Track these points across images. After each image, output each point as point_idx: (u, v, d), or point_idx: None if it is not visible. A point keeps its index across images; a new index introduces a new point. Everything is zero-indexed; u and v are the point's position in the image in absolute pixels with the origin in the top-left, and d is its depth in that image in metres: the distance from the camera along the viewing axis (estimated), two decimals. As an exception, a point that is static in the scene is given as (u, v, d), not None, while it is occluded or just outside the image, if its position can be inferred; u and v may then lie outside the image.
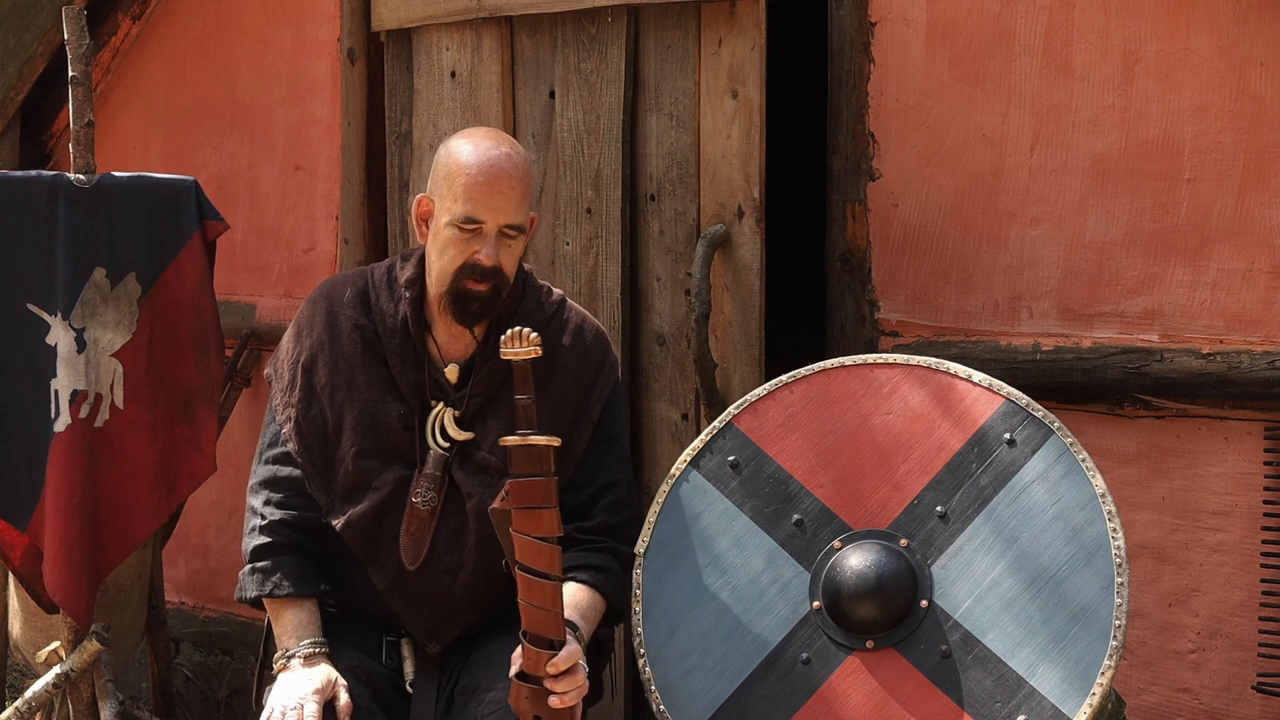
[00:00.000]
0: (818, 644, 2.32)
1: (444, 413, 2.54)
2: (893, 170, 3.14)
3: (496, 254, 2.45)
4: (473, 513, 2.49)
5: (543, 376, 2.48)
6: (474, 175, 2.42)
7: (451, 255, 2.45)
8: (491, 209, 2.43)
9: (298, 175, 4.08)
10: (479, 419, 2.54)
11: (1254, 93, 2.79)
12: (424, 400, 2.54)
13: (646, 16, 3.31)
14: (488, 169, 2.43)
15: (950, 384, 2.41)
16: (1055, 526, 2.27)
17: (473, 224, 2.43)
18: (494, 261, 2.44)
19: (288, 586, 2.51)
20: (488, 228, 2.44)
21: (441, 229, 2.47)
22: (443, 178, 2.48)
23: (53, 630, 3.19)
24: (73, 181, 3.04)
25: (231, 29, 4.19)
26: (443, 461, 2.51)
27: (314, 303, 2.66)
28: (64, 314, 3.03)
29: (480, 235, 2.44)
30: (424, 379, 2.54)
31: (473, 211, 2.43)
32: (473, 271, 2.45)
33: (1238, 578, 2.84)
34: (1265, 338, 2.79)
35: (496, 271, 2.46)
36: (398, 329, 2.56)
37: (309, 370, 2.60)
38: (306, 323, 2.64)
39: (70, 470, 3.00)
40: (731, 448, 2.47)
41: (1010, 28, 3.00)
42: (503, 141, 2.51)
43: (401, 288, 2.57)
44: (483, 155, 2.45)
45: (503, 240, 2.46)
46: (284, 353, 2.66)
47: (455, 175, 2.44)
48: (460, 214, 2.43)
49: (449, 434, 2.53)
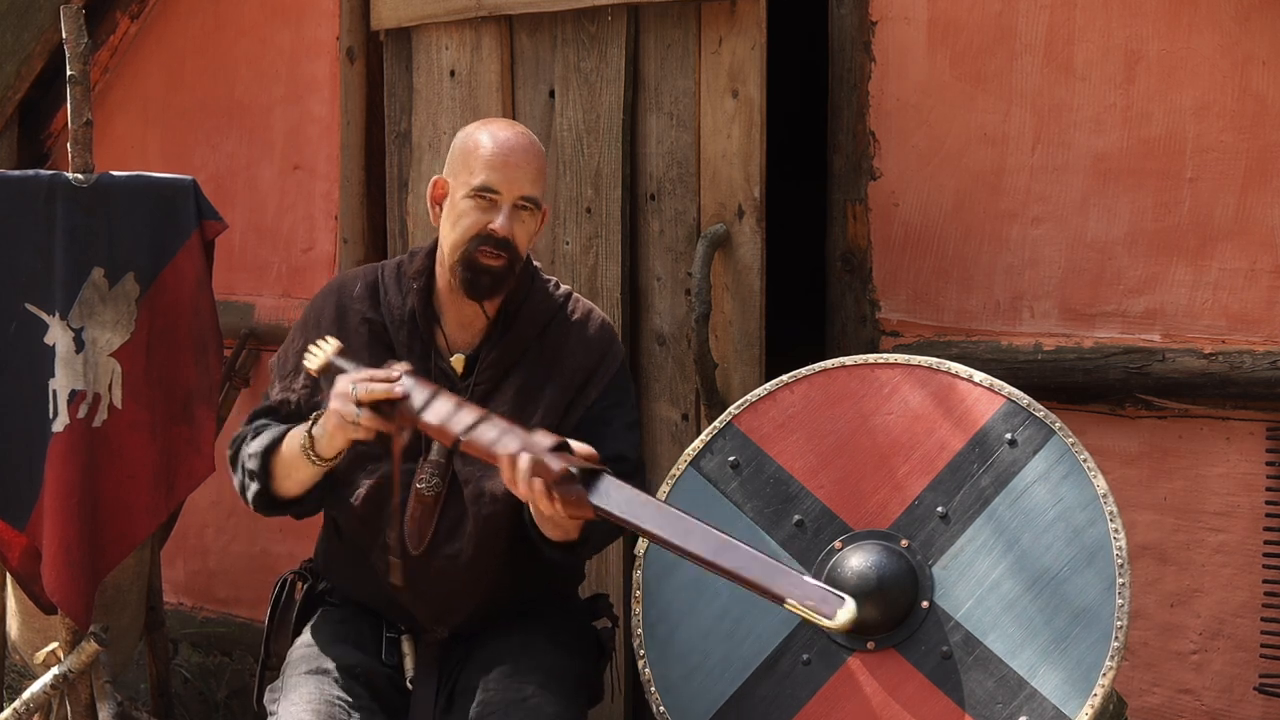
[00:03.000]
0: (818, 645, 2.32)
1: None
2: (893, 170, 3.13)
3: (511, 226, 2.49)
4: (470, 498, 2.50)
5: (549, 363, 2.55)
6: (491, 149, 2.50)
7: (466, 225, 2.50)
8: (508, 180, 2.49)
9: (297, 175, 4.07)
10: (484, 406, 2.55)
11: (1256, 91, 2.78)
12: None
13: (646, 15, 3.30)
14: (505, 143, 2.51)
15: (951, 384, 2.40)
16: (1057, 527, 2.26)
17: (490, 193, 2.49)
18: (508, 232, 2.49)
19: (266, 440, 2.53)
20: (503, 198, 2.49)
21: (458, 202, 2.52)
22: (459, 158, 2.55)
23: (51, 631, 3.18)
24: (71, 181, 3.04)
25: (230, 28, 4.19)
26: (446, 449, 2.52)
27: (324, 297, 2.69)
28: (62, 314, 3.02)
29: (496, 206, 2.49)
30: (430, 369, 2.56)
31: (489, 181, 2.49)
32: (487, 240, 2.49)
33: (1240, 578, 2.83)
34: (1267, 337, 2.78)
35: (509, 244, 2.50)
36: (405, 321, 2.59)
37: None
38: (315, 316, 2.66)
39: (69, 470, 3.00)
40: (732, 448, 2.47)
41: (1011, 26, 2.99)
42: (517, 125, 2.62)
43: (409, 279, 2.61)
44: (500, 134, 2.54)
45: (517, 214, 2.51)
46: (291, 344, 2.68)
47: (473, 152, 2.52)
48: (478, 183, 2.49)
49: None
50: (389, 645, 2.60)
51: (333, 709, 2.40)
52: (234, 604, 4.27)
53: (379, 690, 2.51)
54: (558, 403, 2.56)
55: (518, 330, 2.58)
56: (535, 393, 2.55)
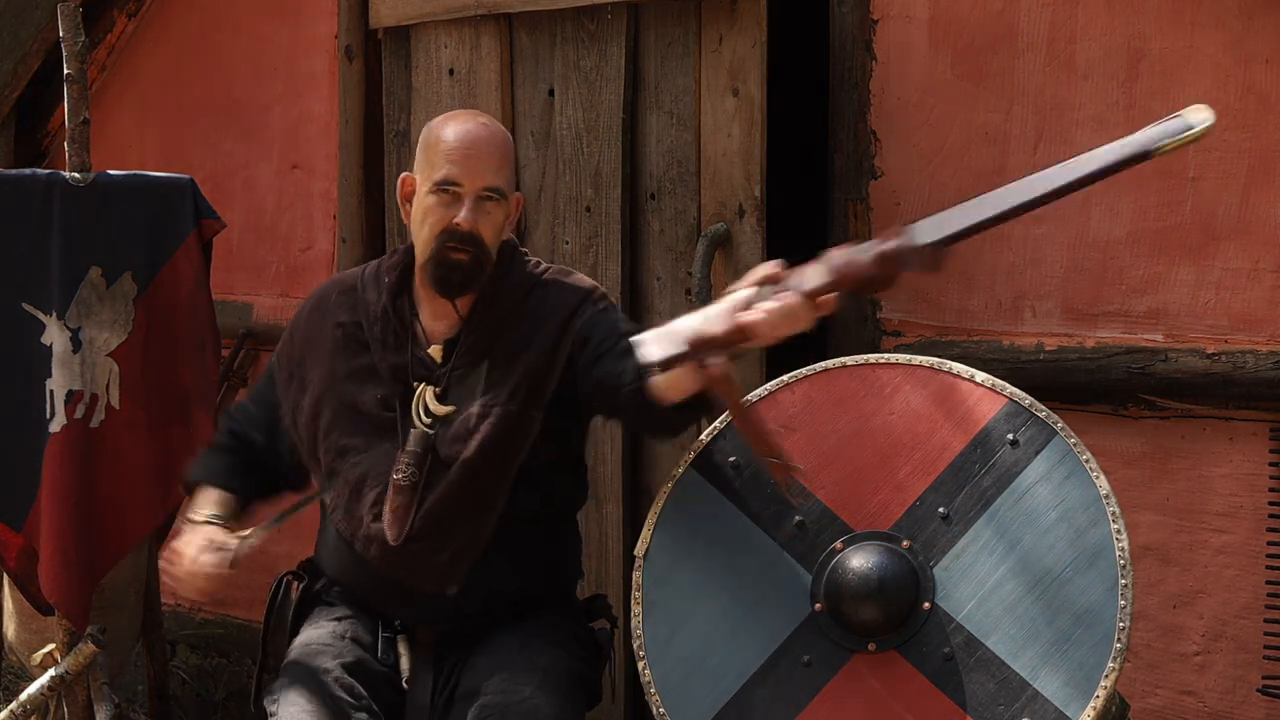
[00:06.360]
0: (819, 646, 2.31)
1: (425, 391, 2.57)
2: (895, 169, 3.13)
3: (475, 219, 2.49)
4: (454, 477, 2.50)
5: (530, 325, 2.56)
6: (451, 143, 2.50)
7: (431, 223, 2.50)
8: (469, 172, 2.49)
9: (295, 174, 4.06)
10: (462, 389, 2.57)
11: (1259, 90, 2.77)
12: (406, 382, 2.58)
13: (646, 13, 3.29)
14: (464, 135, 2.51)
15: (953, 384, 2.39)
16: (1059, 528, 2.25)
17: (451, 185, 2.49)
18: (471, 226, 2.48)
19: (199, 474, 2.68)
20: (465, 190, 2.49)
21: (423, 198, 2.52)
22: (422, 153, 2.55)
23: (48, 632, 3.17)
24: (68, 180, 3.03)
25: (228, 26, 4.18)
26: (424, 439, 2.53)
27: (308, 304, 2.74)
28: (59, 314, 3.02)
29: (459, 200, 2.49)
30: (407, 360, 2.58)
31: (450, 174, 2.48)
32: (452, 236, 2.49)
33: (1243, 579, 2.82)
34: (1270, 337, 2.78)
35: (474, 238, 2.49)
36: (379, 316, 2.61)
37: (299, 365, 2.68)
38: (299, 323, 2.72)
39: (66, 471, 2.99)
40: (733, 448, 2.46)
41: (1013, 25, 2.99)
42: (480, 116, 2.60)
43: (384, 273, 2.64)
44: (460, 126, 2.53)
45: (481, 206, 2.50)
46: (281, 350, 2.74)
47: (434, 146, 2.52)
48: (439, 178, 2.49)
49: (431, 411, 2.56)
50: (385, 644, 2.59)
51: (332, 708, 2.40)
52: (232, 605, 4.26)
53: (377, 690, 2.50)
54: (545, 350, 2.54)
55: (497, 309, 2.58)
56: (517, 354, 2.54)
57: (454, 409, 2.55)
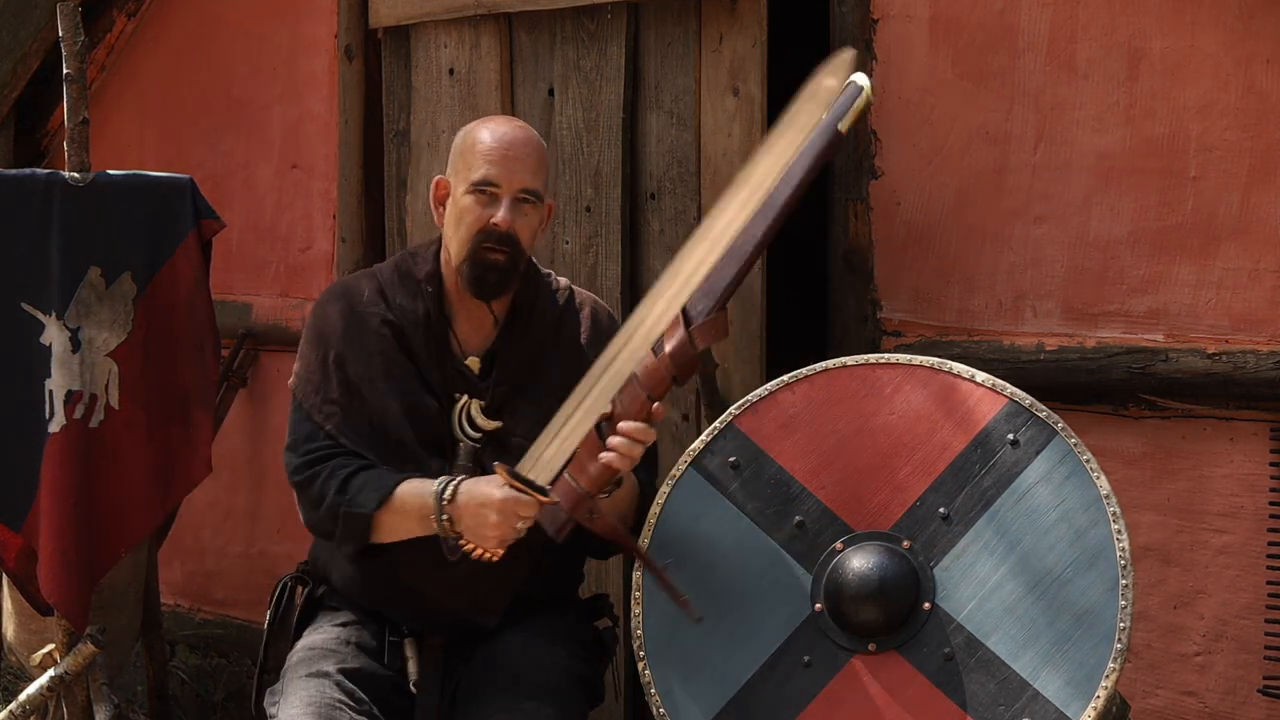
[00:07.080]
0: (819, 647, 2.31)
1: (469, 404, 2.56)
2: (895, 168, 3.12)
3: (512, 219, 2.50)
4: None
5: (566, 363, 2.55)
6: (490, 144, 2.52)
7: (469, 222, 2.51)
8: (507, 173, 2.50)
9: (295, 173, 4.06)
10: (508, 406, 2.56)
11: (1260, 89, 2.77)
12: (449, 394, 2.57)
13: (646, 13, 3.29)
14: (502, 137, 2.53)
15: (953, 384, 2.39)
16: (1059, 528, 2.25)
17: (490, 186, 2.50)
18: (509, 225, 2.49)
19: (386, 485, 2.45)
20: (503, 191, 2.50)
21: (459, 199, 2.53)
22: (459, 155, 2.56)
23: (48, 632, 3.17)
24: (68, 180, 3.03)
25: (228, 26, 4.18)
26: (473, 453, 2.52)
27: (327, 305, 2.64)
28: (59, 313, 3.01)
29: (496, 200, 2.50)
30: (447, 372, 2.57)
31: (488, 174, 2.50)
32: (489, 236, 2.49)
33: (1243, 580, 2.82)
34: (1271, 337, 2.77)
35: (511, 238, 2.50)
36: (420, 323, 2.58)
37: (340, 366, 2.57)
38: (323, 323, 2.62)
39: (65, 471, 2.99)
40: (732, 449, 2.46)
41: (1014, 24, 2.98)
42: (516, 121, 2.64)
43: (421, 282, 2.60)
44: (498, 128, 2.56)
45: (519, 207, 2.51)
46: (307, 360, 2.62)
47: (472, 148, 2.54)
48: (477, 178, 2.50)
49: (477, 424, 2.55)
50: (391, 649, 2.58)
51: (333, 712, 2.39)
52: (231, 605, 4.26)
53: (381, 694, 2.50)
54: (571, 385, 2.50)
55: (534, 330, 2.59)
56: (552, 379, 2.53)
57: (502, 425, 2.54)
